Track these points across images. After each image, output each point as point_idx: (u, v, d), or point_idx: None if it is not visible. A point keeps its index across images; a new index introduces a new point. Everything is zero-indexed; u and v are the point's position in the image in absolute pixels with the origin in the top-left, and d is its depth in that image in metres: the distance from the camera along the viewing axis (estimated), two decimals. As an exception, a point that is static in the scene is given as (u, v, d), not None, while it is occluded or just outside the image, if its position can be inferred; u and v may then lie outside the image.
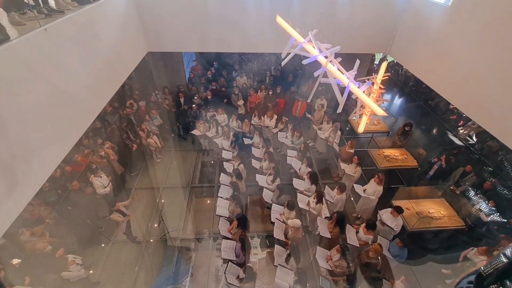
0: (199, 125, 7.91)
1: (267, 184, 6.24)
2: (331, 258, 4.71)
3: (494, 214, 5.45)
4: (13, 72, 2.75)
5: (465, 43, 4.71)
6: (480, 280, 0.47)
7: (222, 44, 6.95)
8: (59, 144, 3.42)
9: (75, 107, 3.81)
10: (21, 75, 2.85)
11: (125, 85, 7.81)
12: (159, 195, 7.13)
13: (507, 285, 0.41)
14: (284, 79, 9.74)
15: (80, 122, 4.00)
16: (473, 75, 4.56)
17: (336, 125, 7.38)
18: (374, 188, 5.71)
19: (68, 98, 3.61)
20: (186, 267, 5.48)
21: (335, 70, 2.87)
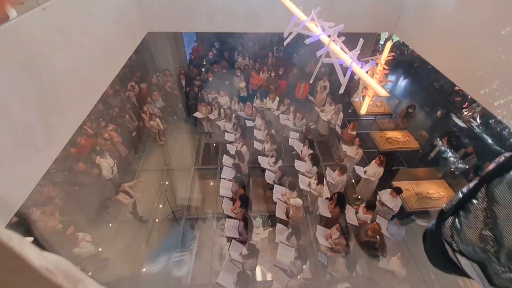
0: (201, 108, 7.90)
1: (269, 166, 6.34)
2: (331, 236, 4.87)
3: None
4: (13, 53, 2.75)
5: (475, 24, 4.56)
6: (441, 215, 0.53)
7: (224, 23, 6.77)
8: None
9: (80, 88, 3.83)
10: (18, 56, 2.85)
11: (126, 67, 7.73)
12: (163, 176, 7.27)
13: (460, 214, 0.46)
14: (287, 60, 9.57)
15: (85, 102, 4.05)
16: (482, 57, 4.45)
17: (338, 107, 7.35)
18: (374, 170, 5.78)
19: (70, 78, 3.62)
20: (192, 235, 5.73)
21: (338, 49, 2.83)
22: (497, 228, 0.39)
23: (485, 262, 0.43)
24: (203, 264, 5.47)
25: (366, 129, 8.20)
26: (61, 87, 3.44)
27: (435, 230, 0.55)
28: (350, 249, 4.78)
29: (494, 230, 0.40)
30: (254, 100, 8.20)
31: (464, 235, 0.46)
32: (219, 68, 9.22)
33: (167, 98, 8.60)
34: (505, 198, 0.38)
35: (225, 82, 8.86)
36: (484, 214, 0.41)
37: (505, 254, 0.39)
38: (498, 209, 0.39)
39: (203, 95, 8.34)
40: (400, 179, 6.36)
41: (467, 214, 0.45)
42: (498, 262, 0.40)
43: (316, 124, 8.41)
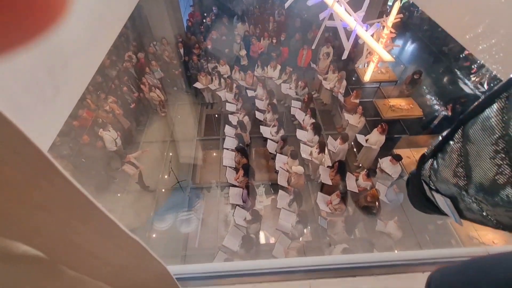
0: (201, 78, 7.74)
1: (271, 136, 6.37)
2: (331, 202, 5.05)
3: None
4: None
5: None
6: (422, 158, 0.59)
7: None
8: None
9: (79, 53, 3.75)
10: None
11: (121, 35, 7.45)
12: (166, 148, 7.37)
13: (438, 156, 0.51)
14: (289, 25, 9.11)
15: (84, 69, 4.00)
16: (497, 22, 4.19)
17: (341, 75, 7.15)
18: (376, 138, 5.80)
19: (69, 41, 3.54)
20: (197, 197, 6.04)
21: (342, 11, 2.68)
22: (467, 164, 0.44)
23: (457, 196, 0.48)
24: (210, 230, 5.77)
25: (370, 97, 8.05)
26: (61, 47, 3.38)
27: (416, 173, 0.60)
28: (349, 214, 4.99)
29: (465, 166, 0.44)
30: (255, 69, 7.98)
31: (440, 174, 0.51)
32: (218, 34, 8.83)
33: (166, 68, 8.38)
34: (476, 136, 0.41)
35: (224, 50, 8.55)
36: (458, 153, 0.46)
37: (473, 186, 0.44)
38: (470, 147, 0.43)
39: (203, 64, 8.11)
40: (401, 146, 6.39)
41: (444, 155, 0.50)
42: (467, 194, 0.45)
43: (319, 93, 8.25)
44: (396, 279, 1.06)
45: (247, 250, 4.59)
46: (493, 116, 0.39)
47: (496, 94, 0.39)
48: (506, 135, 0.37)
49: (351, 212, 5.42)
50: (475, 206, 0.45)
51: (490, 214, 0.44)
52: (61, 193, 0.21)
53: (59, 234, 0.23)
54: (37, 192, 0.19)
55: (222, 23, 9.22)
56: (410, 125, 7.37)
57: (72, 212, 0.23)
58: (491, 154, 0.39)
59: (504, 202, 0.39)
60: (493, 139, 0.38)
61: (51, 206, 0.21)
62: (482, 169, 0.41)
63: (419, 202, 0.62)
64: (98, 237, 0.26)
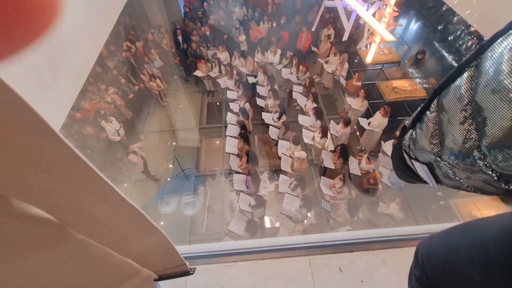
0: (201, 65, 7.66)
1: (273, 122, 6.37)
2: (334, 186, 5.11)
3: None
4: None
5: None
6: (403, 129, 0.62)
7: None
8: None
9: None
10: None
11: (118, 24, 7.33)
12: (169, 137, 7.43)
13: (416, 127, 0.55)
14: (289, 7, 8.87)
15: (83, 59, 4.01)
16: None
17: (343, 57, 7.01)
18: (379, 121, 5.76)
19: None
20: (202, 184, 6.20)
21: (341, -10, 2.61)
22: (441, 132, 0.46)
23: (433, 163, 0.51)
24: (215, 216, 5.91)
25: (373, 79, 7.92)
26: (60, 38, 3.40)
27: (398, 143, 0.63)
28: (352, 196, 5.05)
29: (439, 134, 0.47)
30: (255, 54, 7.86)
31: (418, 142, 0.53)
32: (216, 20, 8.66)
33: (165, 56, 8.30)
34: (449, 104, 0.43)
35: (223, 36, 8.40)
36: (433, 121, 0.48)
37: (446, 152, 0.47)
38: (443, 115, 0.45)
39: (202, 51, 8.01)
40: (404, 129, 6.35)
41: (421, 125, 0.52)
42: (441, 160, 0.48)
43: (320, 77, 8.14)
44: (392, 253, 1.11)
45: (252, 234, 4.71)
46: (463, 84, 0.41)
47: (466, 64, 0.41)
48: (473, 101, 0.39)
49: (354, 195, 5.49)
50: (449, 171, 0.48)
51: (462, 178, 0.46)
52: (63, 158, 0.23)
53: (65, 198, 0.26)
54: (42, 157, 0.22)
55: (220, 7, 9.02)
56: (413, 107, 7.28)
57: (74, 176, 0.25)
58: (460, 120, 0.41)
59: (472, 165, 0.42)
60: (462, 105, 0.41)
61: (54, 170, 0.23)
62: (453, 135, 0.43)
63: (402, 171, 0.65)
64: (101, 203, 0.29)
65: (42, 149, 0.21)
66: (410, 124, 0.58)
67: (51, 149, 0.22)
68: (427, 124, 0.50)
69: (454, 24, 9.34)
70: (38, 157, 0.21)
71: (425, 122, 0.51)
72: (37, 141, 0.20)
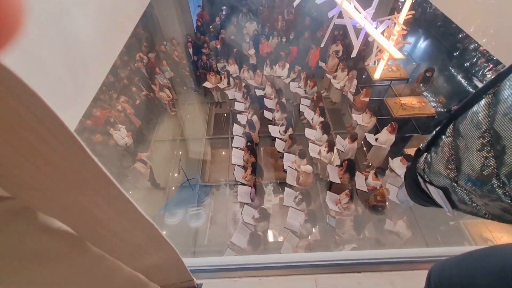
0: (210, 77, 7.81)
1: (280, 135, 6.38)
2: (340, 201, 5.03)
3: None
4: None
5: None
6: (417, 152, 0.61)
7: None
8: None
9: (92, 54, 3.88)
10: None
11: (132, 36, 7.60)
12: (176, 146, 7.50)
13: (431, 150, 0.54)
14: (298, 24, 9.07)
15: (98, 69, 4.14)
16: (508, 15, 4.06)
17: (352, 74, 7.06)
18: (386, 137, 5.72)
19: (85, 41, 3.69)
20: (206, 195, 6.17)
21: (351, 9, 2.66)
22: (458, 157, 0.46)
23: (448, 188, 0.50)
24: (218, 228, 5.84)
25: (381, 95, 7.93)
26: (82, 47, 3.54)
27: (412, 166, 0.62)
28: (358, 213, 4.95)
29: (455, 159, 0.46)
30: (263, 68, 7.99)
31: (433, 166, 0.53)
32: (226, 34, 8.89)
33: (175, 67, 8.51)
34: (466, 130, 0.43)
35: (233, 50, 8.60)
36: (449, 146, 0.48)
37: (462, 178, 0.46)
38: (460, 141, 0.45)
39: (212, 64, 8.18)
40: (413, 145, 6.28)
41: (437, 149, 0.52)
42: (458, 185, 0.47)
43: (328, 92, 8.19)
44: (401, 276, 1.07)
45: (255, 248, 4.63)
46: (481, 111, 0.41)
47: (484, 90, 0.41)
48: (492, 128, 0.39)
49: (360, 212, 5.38)
50: (466, 197, 0.47)
51: (480, 205, 0.46)
52: (92, 175, 0.24)
53: (89, 213, 0.27)
54: (73, 174, 0.23)
55: (231, 22, 9.28)
56: (422, 124, 7.22)
57: (97, 191, 0.26)
58: (478, 147, 0.41)
59: (490, 192, 0.41)
60: (480, 132, 0.41)
61: (83, 186, 0.24)
62: (470, 161, 0.43)
63: (415, 194, 0.65)
64: (119, 217, 0.30)
65: (73, 166, 0.22)
66: (424, 147, 0.58)
67: (81, 166, 0.23)
68: (443, 149, 0.50)
69: (463, 43, 9.37)
70: (69, 174, 0.22)
71: (441, 146, 0.51)
72: (70, 158, 0.21)
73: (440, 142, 0.51)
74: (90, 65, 3.91)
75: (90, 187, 0.25)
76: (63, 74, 3.09)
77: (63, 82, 3.07)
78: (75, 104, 3.30)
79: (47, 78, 2.82)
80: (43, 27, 2.85)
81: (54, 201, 0.23)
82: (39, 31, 2.77)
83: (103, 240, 0.30)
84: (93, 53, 4.02)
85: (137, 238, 0.34)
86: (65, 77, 3.10)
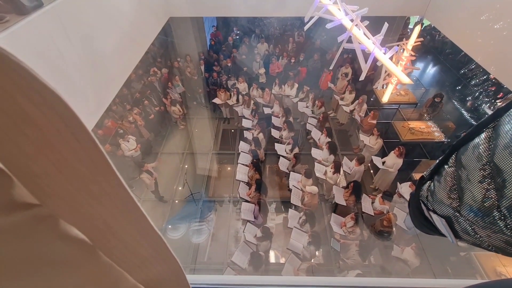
0: (220, 94, 7.99)
1: (286, 153, 6.38)
2: (345, 224, 4.90)
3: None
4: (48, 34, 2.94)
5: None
6: (421, 180, 0.61)
7: (245, 7, 6.69)
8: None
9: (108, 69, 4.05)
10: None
11: (148, 52, 7.93)
12: (183, 159, 7.55)
13: (434, 178, 0.54)
14: (308, 46, 9.33)
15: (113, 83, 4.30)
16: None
17: (363, 98, 7.13)
18: (393, 161, 5.65)
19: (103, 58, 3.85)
20: (209, 210, 6.10)
21: (360, 34, 2.75)
22: (460, 187, 0.46)
23: (451, 217, 0.50)
24: (219, 245, 5.72)
25: (388, 118, 7.93)
26: (99, 64, 3.71)
27: (415, 193, 0.62)
28: (364, 237, 4.80)
29: (458, 189, 0.47)
30: (272, 87, 8.16)
31: (436, 195, 0.53)
32: (238, 53, 9.19)
33: (187, 83, 8.76)
34: (467, 161, 0.44)
35: (243, 68, 8.85)
36: (452, 176, 0.48)
37: (465, 208, 0.46)
38: (462, 171, 0.45)
39: (222, 81, 8.40)
40: (421, 170, 6.17)
41: (440, 178, 0.52)
42: (460, 215, 0.47)
43: (335, 113, 8.25)
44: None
45: (256, 268, 4.49)
46: (482, 144, 0.42)
47: (485, 124, 0.43)
48: (492, 161, 0.40)
49: (366, 236, 5.22)
50: (469, 227, 0.47)
51: (482, 236, 0.45)
52: (112, 187, 0.26)
53: (104, 223, 0.28)
54: (96, 185, 0.25)
55: (243, 42, 9.62)
56: (431, 149, 7.13)
57: (118, 204, 0.28)
58: (479, 178, 0.42)
59: (492, 224, 0.41)
60: (481, 164, 0.42)
61: (103, 197, 0.26)
62: (472, 192, 0.43)
63: (418, 221, 0.64)
64: (134, 230, 0.31)
65: (97, 178, 0.24)
66: (428, 176, 0.58)
67: (103, 178, 0.25)
68: (446, 178, 0.51)
69: (472, 70, 9.42)
70: (93, 185, 0.24)
71: (443, 176, 0.51)
72: (95, 170, 0.23)
73: (443, 171, 0.52)
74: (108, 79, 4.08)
75: (110, 199, 0.27)
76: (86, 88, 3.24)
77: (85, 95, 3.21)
78: (92, 114, 3.41)
79: (73, 91, 2.95)
80: (74, 46, 3.04)
81: (75, 209, 0.25)
82: (71, 50, 2.96)
83: (113, 250, 0.31)
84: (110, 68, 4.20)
85: (147, 250, 0.35)
86: (88, 91, 3.24)
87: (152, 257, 0.36)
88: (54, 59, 2.98)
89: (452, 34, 5.90)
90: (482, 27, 4.88)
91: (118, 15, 4.54)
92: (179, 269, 0.42)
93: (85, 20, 3.59)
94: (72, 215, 0.25)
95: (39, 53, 2.80)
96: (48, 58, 2.91)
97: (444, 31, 6.34)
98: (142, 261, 0.36)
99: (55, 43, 3.01)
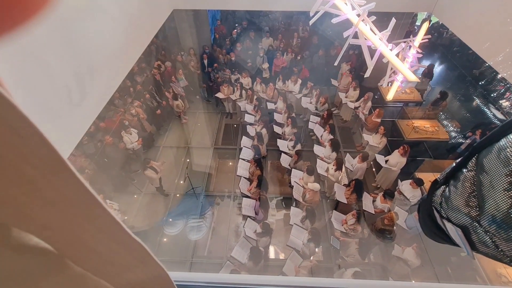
0: (223, 88, 7.93)
1: (288, 150, 6.33)
2: (346, 222, 4.88)
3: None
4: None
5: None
6: (434, 184, 0.56)
7: (249, 1, 6.58)
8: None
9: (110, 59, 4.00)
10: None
11: (151, 44, 7.86)
12: (184, 154, 7.54)
13: (450, 183, 0.49)
14: (312, 41, 9.20)
15: (115, 75, 4.25)
16: None
17: (368, 95, 7.02)
18: (397, 160, 5.59)
19: (102, 48, 3.80)
20: (210, 205, 6.12)
21: (367, 30, 2.67)
22: (480, 194, 0.42)
23: (468, 227, 0.45)
24: (219, 239, 5.74)
25: (393, 116, 7.83)
26: (93, 55, 3.65)
27: (427, 199, 0.58)
28: (364, 235, 4.78)
29: (478, 196, 0.42)
30: (276, 82, 8.08)
31: (452, 202, 0.48)
32: (242, 47, 9.09)
33: (190, 77, 8.70)
34: (491, 166, 0.39)
35: (247, 63, 8.75)
36: (471, 181, 0.44)
37: (485, 218, 0.42)
38: (484, 177, 0.41)
39: (226, 76, 8.33)
40: (424, 170, 6.11)
41: (456, 183, 0.48)
42: (480, 226, 0.42)
43: (339, 110, 8.16)
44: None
45: (255, 263, 4.50)
46: (509, 146, 0.37)
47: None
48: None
49: (366, 235, 5.19)
50: (488, 239, 0.43)
51: (504, 249, 0.41)
52: (71, 191, 0.23)
53: (66, 230, 0.25)
54: (51, 191, 0.21)
55: (247, 36, 9.50)
56: (434, 148, 7.05)
57: (79, 209, 0.25)
58: (505, 186, 0.37)
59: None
60: (508, 170, 0.37)
61: (62, 203, 0.23)
62: (495, 200, 0.39)
63: (429, 229, 0.59)
64: (103, 236, 0.28)
65: (52, 183, 0.21)
66: (442, 180, 0.53)
67: (61, 183, 0.21)
68: (464, 184, 0.46)
69: (479, 69, 9.24)
70: (47, 190, 0.21)
71: (461, 180, 0.47)
72: (48, 174, 0.20)
73: (460, 175, 0.47)
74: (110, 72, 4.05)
75: (71, 205, 0.24)
76: (69, 82, 3.17)
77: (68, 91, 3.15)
78: (82, 112, 3.36)
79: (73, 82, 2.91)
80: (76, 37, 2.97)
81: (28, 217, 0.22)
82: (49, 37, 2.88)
83: (85, 259, 0.28)
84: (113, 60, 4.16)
85: (125, 258, 0.32)
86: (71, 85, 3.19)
87: (131, 264, 0.34)
88: (54, 50, 2.95)
89: (460, 31, 5.76)
90: (492, 25, 4.75)
91: (121, 6, 4.48)
92: (163, 272, 0.39)
93: (87, 12, 3.54)
94: (26, 223, 0.22)
95: (40, 46, 2.77)
96: (48, 50, 2.88)
97: (453, 29, 6.19)
98: (121, 268, 0.33)
99: (55, 35, 2.98)
